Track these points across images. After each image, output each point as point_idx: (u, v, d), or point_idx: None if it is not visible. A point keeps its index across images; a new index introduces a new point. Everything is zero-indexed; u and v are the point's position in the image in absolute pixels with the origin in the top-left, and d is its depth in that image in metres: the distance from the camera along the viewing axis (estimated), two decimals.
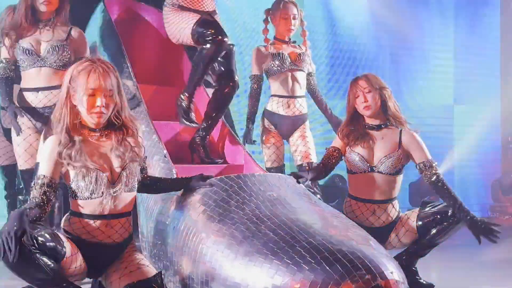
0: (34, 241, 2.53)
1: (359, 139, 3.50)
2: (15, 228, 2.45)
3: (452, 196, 3.38)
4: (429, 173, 3.42)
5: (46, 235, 2.59)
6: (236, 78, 4.13)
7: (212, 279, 2.76)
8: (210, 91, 4.30)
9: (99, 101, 2.71)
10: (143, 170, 2.95)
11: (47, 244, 2.57)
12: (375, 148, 3.51)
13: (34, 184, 2.70)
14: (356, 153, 3.50)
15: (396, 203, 3.56)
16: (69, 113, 2.74)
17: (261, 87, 4.51)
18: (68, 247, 2.68)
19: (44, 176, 2.70)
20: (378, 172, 3.49)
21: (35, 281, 2.61)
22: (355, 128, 3.54)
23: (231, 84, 4.11)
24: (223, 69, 4.11)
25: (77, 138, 2.73)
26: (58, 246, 2.62)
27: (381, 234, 3.47)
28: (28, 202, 2.69)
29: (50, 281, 2.58)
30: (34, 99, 3.69)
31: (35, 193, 2.67)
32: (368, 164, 3.49)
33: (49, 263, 2.57)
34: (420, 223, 3.45)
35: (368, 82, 3.51)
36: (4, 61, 3.77)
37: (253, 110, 4.51)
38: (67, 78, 2.76)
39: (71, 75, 2.75)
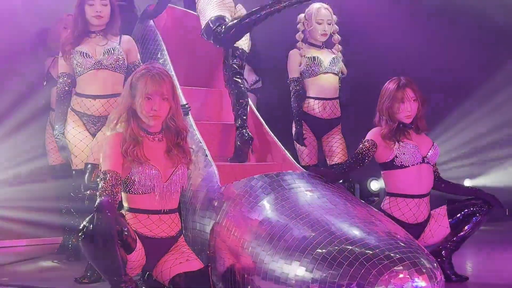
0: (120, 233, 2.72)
1: (402, 134, 3.55)
2: (108, 220, 2.65)
3: (464, 187, 3.89)
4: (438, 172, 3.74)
5: (127, 228, 2.78)
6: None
7: (253, 273, 2.89)
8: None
9: (155, 104, 2.91)
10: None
11: (127, 237, 2.77)
12: (419, 142, 3.59)
13: (100, 180, 2.85)
14: (412, 144, 3.54)
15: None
16: (132, 117, 2.94)
17: (303, 88, 4.61)
18: (136, 241, 2.86)
19: (111, 171, 2.85)
20: (427, 163, 3.59)
21: (104, 268, 2.77)
22: (397, 126, 3.56)
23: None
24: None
25: (138, 138, 2.93)
26: (133, 240, 2.81)
27: (420, 229, 3.59)
28: (98, 196, 2.82)
29: (117, 270, 2.74)
30: (92, 107, 3.76)
31: (105, 186, 2.81)
32: (420, 155, 3.57)
33: (123, 255, 2.76)
34: (452, 218, 3.62)
35: (415, 91, 3.55)
36: (61, 75, 3.82)
37: (301, 111, 4.58)
38: (128, 85, 2.99)
39: (131, 82, 2.98)
